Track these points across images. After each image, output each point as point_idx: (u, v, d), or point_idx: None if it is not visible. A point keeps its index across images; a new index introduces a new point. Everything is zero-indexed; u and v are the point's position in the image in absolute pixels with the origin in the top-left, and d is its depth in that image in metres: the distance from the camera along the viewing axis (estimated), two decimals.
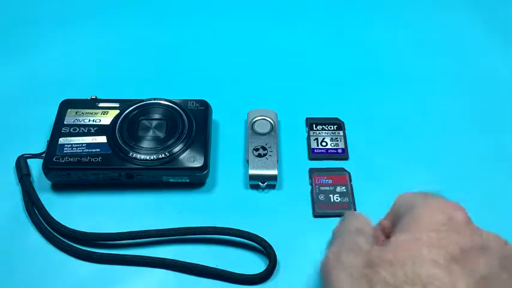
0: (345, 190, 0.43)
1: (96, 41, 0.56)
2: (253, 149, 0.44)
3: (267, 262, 0.39)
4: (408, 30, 0.58)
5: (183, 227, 0.40)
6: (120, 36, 0.56)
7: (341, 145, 0.46)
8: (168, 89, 0.50)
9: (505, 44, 0.56)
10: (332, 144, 0.46)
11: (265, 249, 0.39)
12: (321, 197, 0.43)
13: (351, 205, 0.42)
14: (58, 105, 0.45)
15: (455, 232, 0.27)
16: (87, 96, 0.46)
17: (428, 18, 0.59)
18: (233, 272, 0.38)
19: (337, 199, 0.43)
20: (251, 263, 0.39)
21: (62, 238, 0.40)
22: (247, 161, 0.44)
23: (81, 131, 0.43)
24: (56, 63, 0.53)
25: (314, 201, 0.42)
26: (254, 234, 0.39)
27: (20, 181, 0.43)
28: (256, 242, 0.39)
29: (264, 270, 0.38)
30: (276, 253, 0.39)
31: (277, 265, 0.39)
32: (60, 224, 0.40)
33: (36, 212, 0.41)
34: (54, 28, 0.56)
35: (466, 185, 0.44)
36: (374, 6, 0.61)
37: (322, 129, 0.47)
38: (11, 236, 0.40)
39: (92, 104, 0.45)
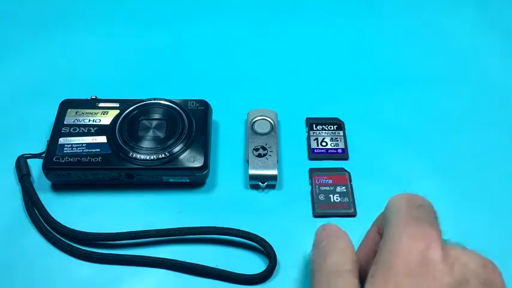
0: (345, 190, 0.43)
1: (96, 41, 0.55)
2: (253, 149, 0.44)
3: (267, 262, 0.39)
4: (408, 30, 0.58)
5: (184, 227, 0.40)
6: (120, 36, 0.56)
7: (341, 145, 0.46)
8: (168, 89, 0.50)
9: (505, 44, 0.56)
10: (332, 144, 0.46)
11: (265, 249, 0.39)
12: (321, 197, 0.43)
13: (351, 205, 0.42)
14: (58, 105, 0.45)
15: (430, 275, 0.26)
16: (87, 96, 0.46)
17: (428, 18, 0.59)
18: (233, 272, 0.38)
19: (337, 199, 0.43)
20: (251, 263, 0.39)
21: (62, 238, 0.40)
22: (247, 161, 0.44)
23: (81, 131, 0.43)
24: (56, 63, 0.53)
25: (314, 201, 0.42)
26: (254, 234, 0.39)
27: (20, 181, 0.43)
28: (256, 242, 0.39)
29: (264, 270, 0.38)
30: (276, 253, 0.39)
31: (277, 265, 0.39)
32: (60, 224, 0.40)
33: (36, 212, 0.41)
34: (54, 28, 0.56)
35: (466, 185, 0.44)
36: (374, 7, 0.61)
37: (322, 129, 0.47)
38: (11, 236, 0.40)
39: (92, 104, 0.45)
